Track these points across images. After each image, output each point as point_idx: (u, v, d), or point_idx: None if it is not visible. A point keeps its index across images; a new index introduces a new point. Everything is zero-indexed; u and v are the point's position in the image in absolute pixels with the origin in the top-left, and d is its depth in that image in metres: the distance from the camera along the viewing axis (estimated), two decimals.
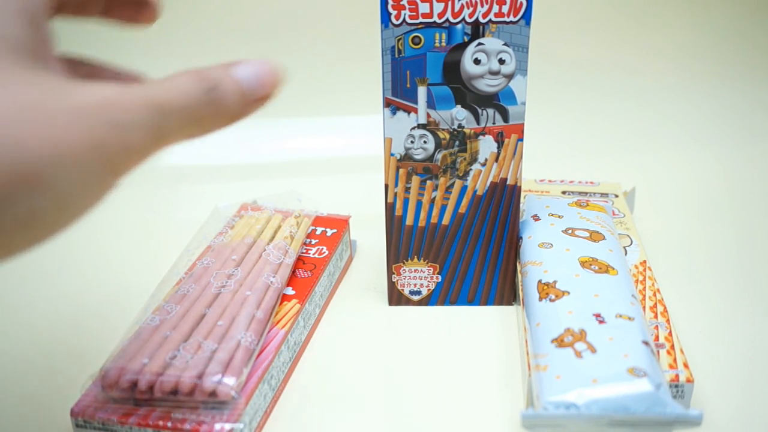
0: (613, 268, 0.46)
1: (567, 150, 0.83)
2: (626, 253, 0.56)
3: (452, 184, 0.45)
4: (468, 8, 0.40)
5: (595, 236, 0.49)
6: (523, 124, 0.43)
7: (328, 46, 0.83)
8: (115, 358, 0.42)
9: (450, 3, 0.40)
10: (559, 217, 0.53)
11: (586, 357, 0.41)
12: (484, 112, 0.42)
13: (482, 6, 0.40)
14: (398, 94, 0.42)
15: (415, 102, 0.42)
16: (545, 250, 0.49)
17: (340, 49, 0.82)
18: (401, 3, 0.39)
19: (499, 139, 0.43)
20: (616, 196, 0.65)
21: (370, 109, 0.65)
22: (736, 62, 0.90)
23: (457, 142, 0.43)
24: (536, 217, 0.54)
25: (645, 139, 0.85)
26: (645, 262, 0.55)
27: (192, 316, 0.45)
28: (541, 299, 0.44)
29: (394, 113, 0.42)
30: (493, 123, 0.42)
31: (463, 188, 0.45)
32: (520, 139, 0.43)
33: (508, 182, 0.45)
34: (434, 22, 0.40)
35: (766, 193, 0.76)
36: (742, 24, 0.89)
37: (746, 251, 0.65)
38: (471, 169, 0.44)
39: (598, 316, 0.43)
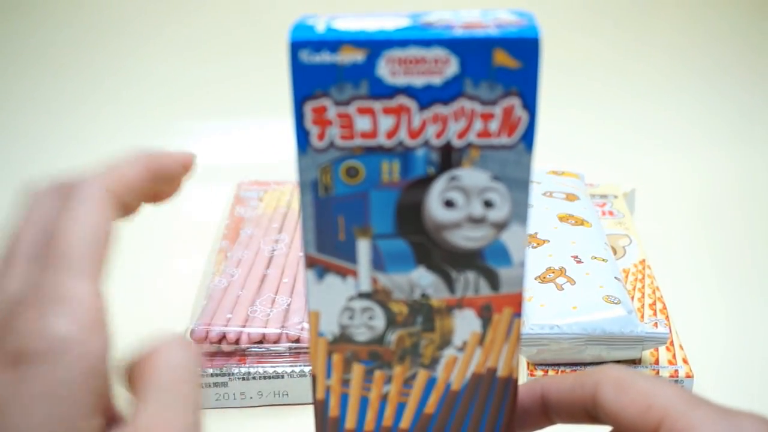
0: (588, 222, 0.54)
1: (567, 149, 0.84)
2: (625, 253, 0.61)
3: (414, 375, 0.30)
4: (434, 125, 0.25)
5: (570, 197, 0.57)
6: (520, 294, 0.28)
7: None
8: (199, 317, 0.50)
9: (405, 117, 0.25)
10: (537, 183, 0.60)
11: (567, 288, 0.49)
12: (462, 276, 0.28)
13: (456, 122, 0.25)
14: (327, 250, 0.28)
15: (354, 261, 0.28)
16: None
17: None
18: (325, 116, 0.25)
19: (485, 315, 0.29)
20: (616, 197, 0.73)
21: None
22: (737, 62, 0.91)
23: (419, 318, 0.29)
24: None
25: (645, 139, 0.87)
26: (644, 261, 0.59)
27: (255, 277, 0.54)
28: None
29: (322, 277, 0.28)
30: (476, 292, 0.28)
31: (431, 380, 0.30)
32: (517, 314, 0.28)
33: (498, 373, 0.30)
34: (380, 146, 0.26)
35: (765, 192, 0.79)
36: (744, 25, 0.91)
37: (744, 249, 0.67)
38: (442, 355, 0.29)
39: (575, 257, 0.50)
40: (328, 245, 0.28)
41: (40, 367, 0.21)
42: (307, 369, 0.48)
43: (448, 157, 0.26)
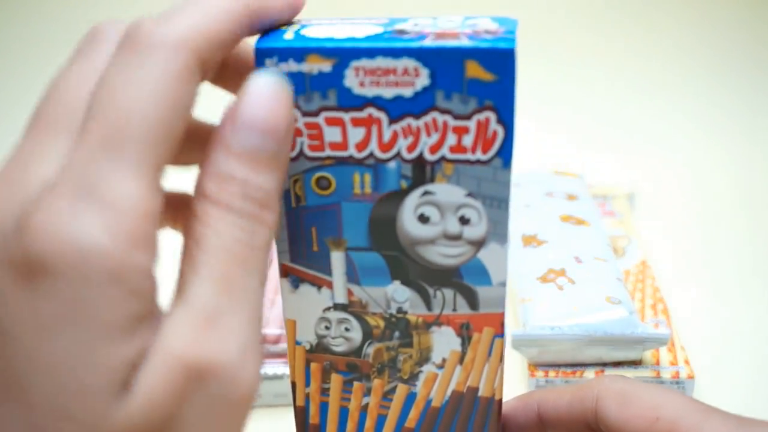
0: (588, 222, 0.54)
1: (567, 149, 0.85)
2: (626, 253, 0.61)
3: (393, 389, 0.29)
4: (405, 138, 0.24)
5: (571, 197, 0.57)
6: (502, 314, 0.27)
7: None
8: None
9: (375, 128, 0.24)
10: (538, 183, 0.60)
11: (567, 289, 0.48)
12: (439, 293, 0.27)
13: (428, 135, 0.24)
14: (301, 260, 0.27)
15: (328, 273, 0.27)
16: (527, 209, 0.56)
17: None
18: (295, 125, 0.24)
19: (464, 334, 0.27)
20: (616, 197, 0.72)
21: None
22: (740, 60, 0.91)
23: (397, 333, 0.28)
24: (516, 184, 0.62)
25: (645, 139, 0.87)
26: (645, 261, 0.59)
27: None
28: (524, 246, 0.52)
29: (297, 286, 0.27)
30: (454, 310, 0.27)
31: (411, 395, 0.29)
32: (499, 335, 0.27)
33: (480, 393, 0.28)
34: (350, 156, 0.25)
35: (767, 193, 0.79)
36: (748, 20, 0.90)
37: (746, 250, 0.67)
38: (421, 371, 0.28)
39: (576, 258, 0.50)
40: (301, 255, 0.27)
41: (58, 283, 0.16)
42: None
43: (422, 172, 0.25)
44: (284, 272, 0.27)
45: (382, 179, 0.25)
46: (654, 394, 0.26)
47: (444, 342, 0.28)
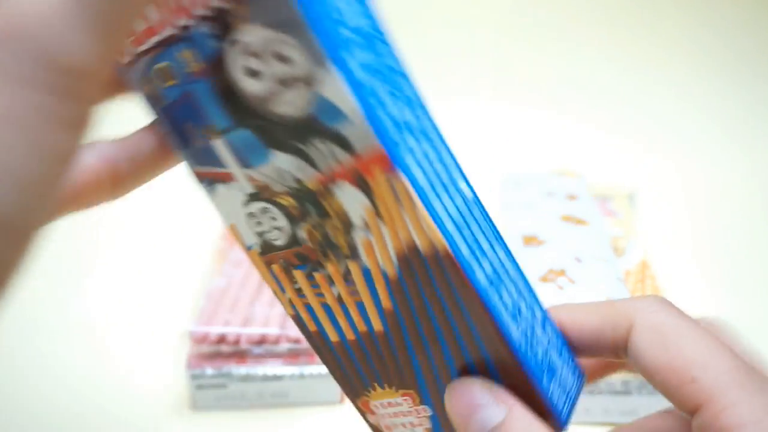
0: (589, 222, 0.54)
1: (568, 149, 0.86)
2: (626, 253, 0.61)
3: (348, 271, 0.27)
4: None
5: (572, 197, 0.57)
6: (381, 148, 0.23)
7: None
8: (198, 318, 0.50)
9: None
10: (538, 183, 0.60)
11: (568, 289, 0.48)
12: (312, 147, 0.25)
13: None
14: (199, 160, 0.26)
15: (222, 164, 0.26)
16: (527, 209, 0.56)
17: None
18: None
19: (361, 185, 0.24)
20: (617, 197, 0.72)
21: None
22: (741, 63, 0.91)
23: (309, 207, 0.26)
24: (516, 184, 0.62)
25: (647, 139, 0.87)
26: (645, 261, 0.59)
27: (254, 277, 0.54)
28: (525, 246, 0.52)
29: (213, 188, 0.27)
30: (336, 161, 0.24)
31: (365, 272, 0.27)
32: (390, 171, 0.23)
33: (420, 248, 0.25)
34: (162, 39, 0.23)
35: (766, 193, 0.80)
36: (751, 18, 0.91)
37: (747, 250, 0.68)
38: (354, 239, 0.26)
39: (576, 258, 0.50)
40: (196, 156, 0.26)
41: None
42: (306, 370, 0.48)
43: (223, 24, 0.23)
44: (198, 179, 0.27)
45: (200, 48, 0.24)
46: (698, 346, 0.22)
47: (351, 199, 0.25)
